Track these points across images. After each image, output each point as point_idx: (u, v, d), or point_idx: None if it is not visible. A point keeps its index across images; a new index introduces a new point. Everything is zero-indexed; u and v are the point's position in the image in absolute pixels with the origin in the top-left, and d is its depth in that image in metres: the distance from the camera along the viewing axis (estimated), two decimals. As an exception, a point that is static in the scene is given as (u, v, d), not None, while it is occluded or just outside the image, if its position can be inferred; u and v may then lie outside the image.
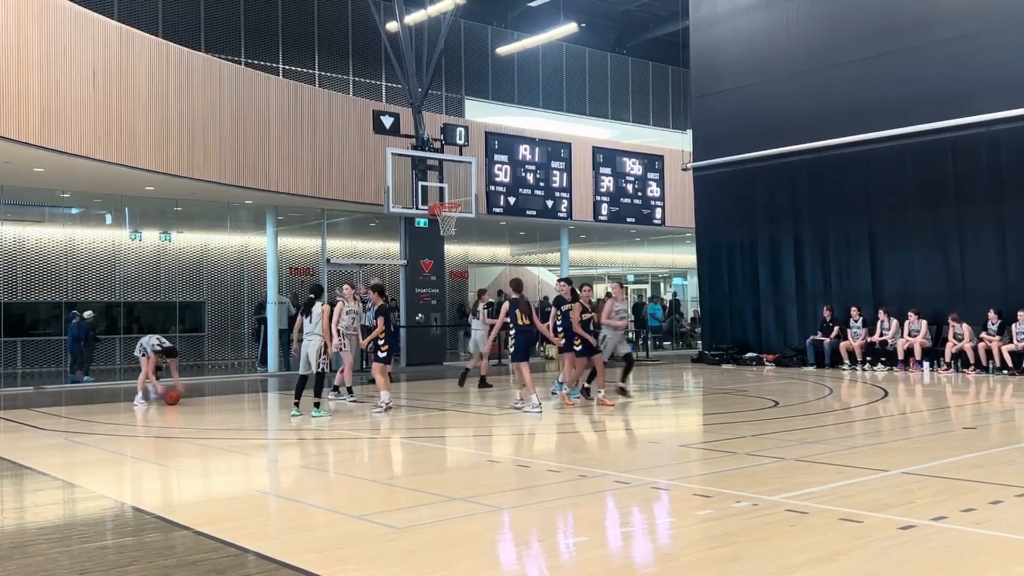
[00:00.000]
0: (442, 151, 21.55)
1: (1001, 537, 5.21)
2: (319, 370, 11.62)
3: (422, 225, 21.45)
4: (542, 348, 26.20)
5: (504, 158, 23.48)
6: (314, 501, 6.74)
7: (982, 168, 17.03)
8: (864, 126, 18.51)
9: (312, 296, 12.02)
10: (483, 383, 15.17)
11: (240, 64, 22.67)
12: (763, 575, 4.60)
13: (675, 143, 29.06)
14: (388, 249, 26.50)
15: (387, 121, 20.61)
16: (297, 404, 11.73)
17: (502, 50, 28.83)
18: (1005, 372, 15.94)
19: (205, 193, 19.28)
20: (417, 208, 20.93)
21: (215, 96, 18.16)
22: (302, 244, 25.52)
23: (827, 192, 19.45)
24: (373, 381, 12.82)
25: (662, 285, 36.89)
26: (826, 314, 18.84)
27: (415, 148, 21.19)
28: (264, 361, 21.28)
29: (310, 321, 11.69)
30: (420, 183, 21.02)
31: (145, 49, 16.76)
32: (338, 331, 13.06)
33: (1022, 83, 16.30)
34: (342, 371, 13.72)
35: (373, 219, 22.82)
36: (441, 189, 21.18)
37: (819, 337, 18.72)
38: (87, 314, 18.97)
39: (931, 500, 6.22)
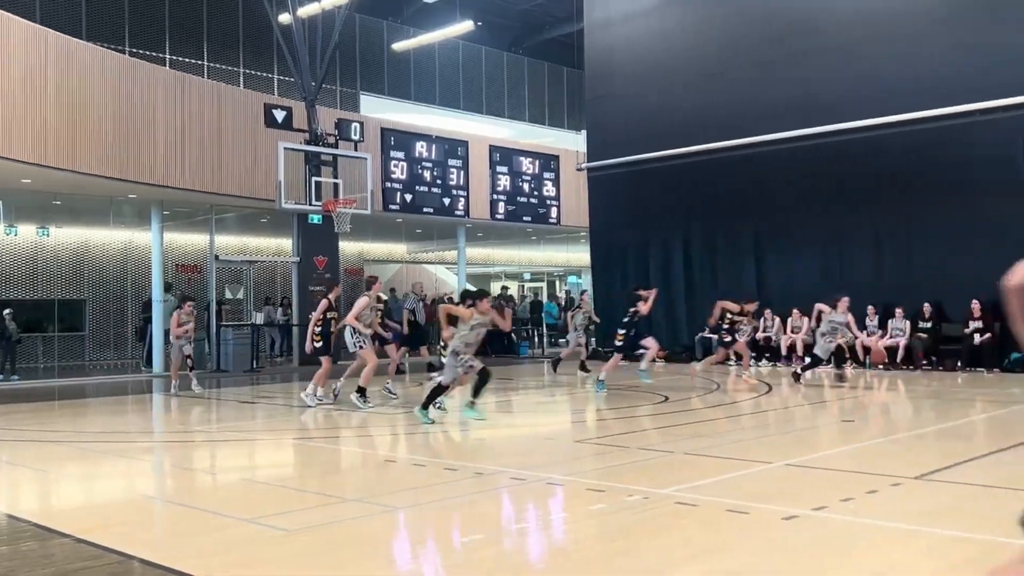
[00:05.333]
0: (336, 147, 21.24)
1: (876, 525, 5.47)
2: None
3: (316, 222, 21.10)
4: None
5: (400, 155, 23.31)
6: (203, 504, 6.55)
7: (862, 172, 17.79)
8: (753, 130, 19.13)
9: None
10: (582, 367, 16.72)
11: (124, 53, 21.81)
12: (655, 568, 4.71)
13: (570, 143, 29.41)
14: (281, 246, 25.97)
15: (279, 115, 20.18)
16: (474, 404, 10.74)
17: (398, 46, 28.62)
18: (881, 367, 16.73)
19: (86, 187, 18.46)
20: (311, 204, 20.58)
21: (97, 86, 17.42)
22: (190, 240, 24.74)
23: (716, 194, 20.02)
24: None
25: (557, 283, 37.31)
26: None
27: (308, 143, 20.82)
28: (149, 361, 20.54)
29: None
30: (314, 179, 20.67)
31: (22, 35, 15.94)
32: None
33: (901, 91, 17.11)
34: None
35: (265, 215, 22.31)
36: (336, 185, 20.87)
37: (707, 334, 19.24)
38: (6, 312, 18.19)
39: (812, 491, 6.48)
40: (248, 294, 23.04)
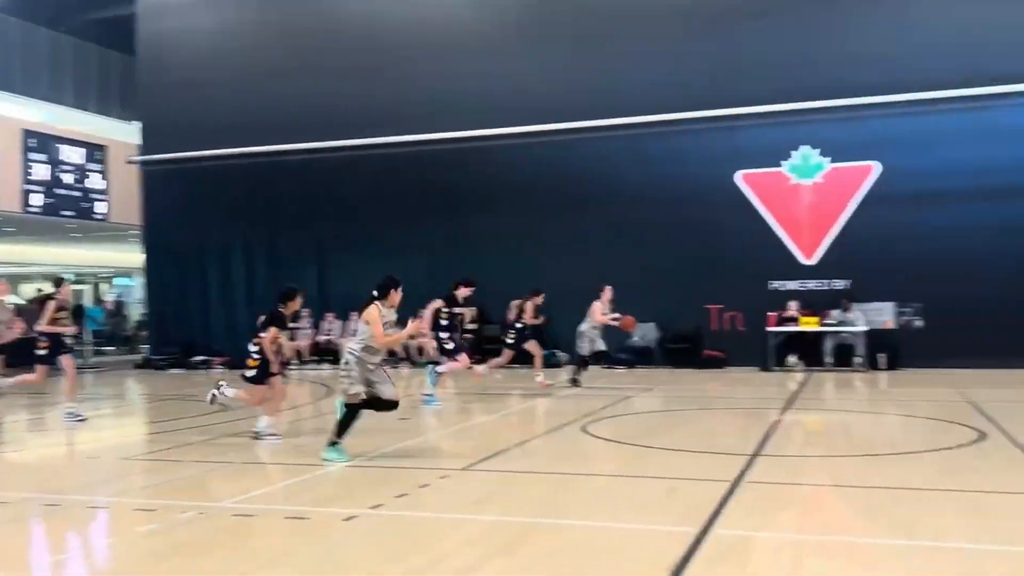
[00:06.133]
0: None
1: (428, 517, 5.81)
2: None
3: None
4: None
5: (-97, 133, 19.74)
6: None
7: (417, 183, 18.71)
8: (312, 135, 19.20)
9: None
10: None
11: None
12: (210, 586, 4.51)
13: (122, 133, 27.15)
14: None
15: None
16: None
17: (-98, 4, 24.20)
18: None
19: None
20: None
21: None
22: None
23: (279, 197, 19.81)
24: None
25: (104, 286, 34.38)
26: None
27: None
28: None
29: None
30: None
31: None
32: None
33: (451, 108, 18.28)
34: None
35: None
36: None
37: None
38: None
39: (370, 490, 6.69)
40: None
